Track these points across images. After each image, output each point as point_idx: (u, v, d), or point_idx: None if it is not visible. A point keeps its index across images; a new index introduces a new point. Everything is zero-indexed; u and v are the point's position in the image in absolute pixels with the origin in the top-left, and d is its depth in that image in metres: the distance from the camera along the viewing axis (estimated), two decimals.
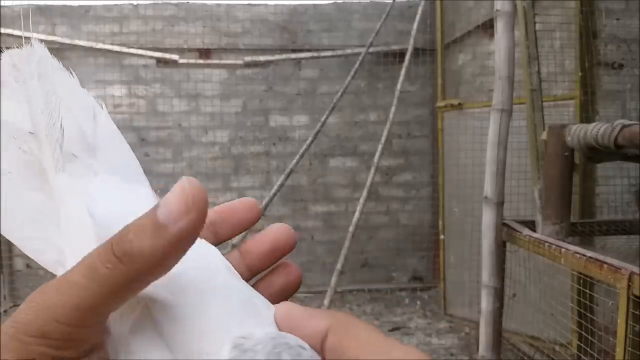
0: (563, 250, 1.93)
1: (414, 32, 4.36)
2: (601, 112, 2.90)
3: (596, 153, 2.03)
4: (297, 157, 4.03)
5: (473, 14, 4.25)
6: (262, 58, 4.95)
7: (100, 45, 4.66)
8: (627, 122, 1.84)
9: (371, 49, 4.59)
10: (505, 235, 2.30)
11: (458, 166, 4.08)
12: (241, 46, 5.06)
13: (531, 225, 2.33)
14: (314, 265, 5.14)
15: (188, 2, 5.02)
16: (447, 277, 4.39)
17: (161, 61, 4.84)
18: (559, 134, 2.16)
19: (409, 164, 5.28)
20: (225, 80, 5.05)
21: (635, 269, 1.58)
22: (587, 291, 2.29)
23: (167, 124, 5.00)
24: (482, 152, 2.42)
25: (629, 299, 1.57)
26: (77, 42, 4.61)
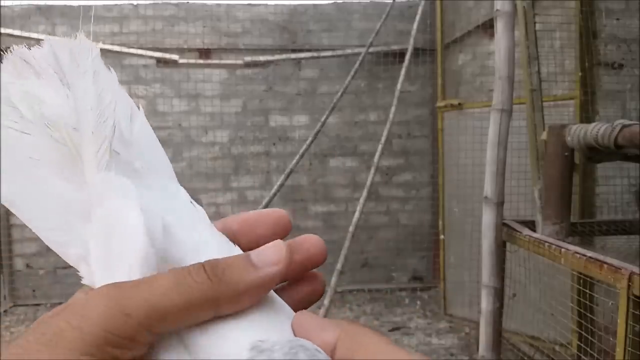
0: (563, 250, 1.93)
1: (414, 32, 4.36)
2: (601, 112, 2.90)
3: (596, 153, 2.03)
4: (297, 157, 4.03)
5: (473, 14, 4.25)
6: (262, 58, 4.95)
7: (100, 45, 4.64)
8: (627, 122, 1.84)
9: (371, 49, 4.59)
10: (505, 235, 2.29)
11: (458, 166, 4.08)
12: (241, 46, 5.06)
13: (531, 225, 2.33)
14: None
15: (188, 2, 5.02)
16: (447, 277, 4.39)
17: (161, 61, 4.84)
18: (559, 134, 2.16)
19: (409, 164, 5.28)
20: (225, 80, 5.05)
21: (635, 269, 1.58)
22: (587, 291, 2.29)
23: (167, 124, 5.00)
24: (482, 152, 2.42)
25: (629, 299, 1.57)
26: None
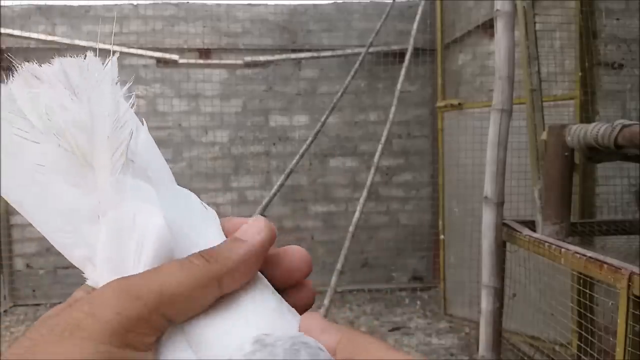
0: (563, 250, 1.93)
1: (414, 32, 4.36)
2: (601, 112, 2.90)
3: (596, 153, 2.03)
4: (297, 157, 4.03)
5: (473, 14, 4.26)
6: (262, 58, 4.95)
7: (100, 45, 4.64)
8: (627, 122, 1.84)
9: (371, 49, 4.59)
10: (505, 235, 2.30)
11: (458, 166, 4.08)
12: (241, 46, 5.06)
13: (531, 225, 2.33)
14: (314, 265, 5.11)
15: (188, 2, 5.02)
16: (447, 277, 4.39)
17: (161, 61, 4.84)
18: (559, 134, 2.16)
19: (409, 164, 5.28)
20: (225, 80, 5.05)
21: (635, 269, 1.58)
22: (587, 291, 2.29)
23: (167, 124, 5.00)
24: (482, 152, 2.42)
25: (629, 299, 1.57)
26: (77, 42, 4.61)
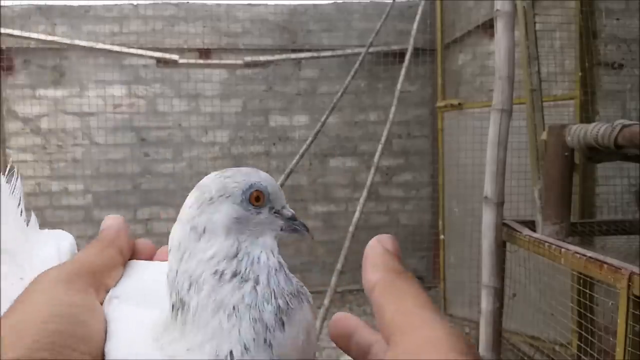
0: (563, 250, 1.93)
1: (414, 32, 4.35)
2: (601, 112, 2.89)
3: (596, 153, 2.03)
4: (297, 157, 4.03)
5: (473, 14, 4.25)
6: (262, 58, 4.95)
7: (100, 45, 4.65)
8: (627, 122, 1.84)
9: (371, 49, 4.58)
10: (505, 235, 2.29)
11: (458, 166, 4.08)
12: (241, 46, 5.06)
13: (531, 225, 2.32)
14: (314, 265, 5.14)
15: (188, 2, 5.02)
16: (447, 277, 4.39)
17: (161, 61, 4.84)
18: (559, 134, 2.16)
19: (409, 164, 5.28)
20: (225, 80, 5.05)
21: (635, 269, 1.58)
22: (587, 291, 2.29)
23: (167, 124, 5.00)
24: (482, 152, 2.41)
25: (629, 299, 1.57)
26: (77, 42, 4.61)
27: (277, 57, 4.98)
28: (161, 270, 0.39)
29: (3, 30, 4.37)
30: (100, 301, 0.39)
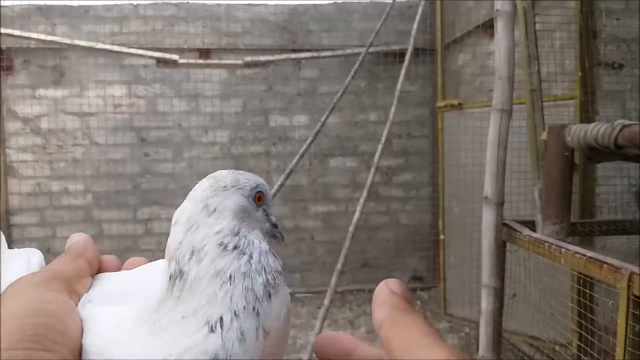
0: (563, 250, 1.93)
1: (414, 32, 4.35)
2: (601, 112, 2.90)
3: (596, 153, 2.03)
4: (297, 157, 4.03)
5: (473, 14, 4.26)
6: (262, 58, 4.95)
7: (100, 45, 4.65)
8: (627, 122, 1.84)
9: (371, 49, 4.58)
10: (505, 235, 2.29)
11: (458, 166, 4.08)
12: (241, 46, 5.06)
13: (531, 225, 2.32)
14: (314, 265, 5.14)
15: (188, 2, 5.02)
16: (447, 277, 4.39)
17: (161, 61, 4.84)
18: (559, 134, 2.16)
19: (409, 164, 5.28)
20: (225, 80, 5.05)
21: (635, 269, 1.58)
22: (587, 291, 2.29)
23: (167, 124, 5.00)
24: (482, 152, 2.41)
25: (629, 299, 1.57)
26: (77, 42, 4.61)
27: (277, 57, 4.98)
28: (132, 278, 0.44)
29: (3, 30, 4.37)
30: (75, 304, 0.41)
